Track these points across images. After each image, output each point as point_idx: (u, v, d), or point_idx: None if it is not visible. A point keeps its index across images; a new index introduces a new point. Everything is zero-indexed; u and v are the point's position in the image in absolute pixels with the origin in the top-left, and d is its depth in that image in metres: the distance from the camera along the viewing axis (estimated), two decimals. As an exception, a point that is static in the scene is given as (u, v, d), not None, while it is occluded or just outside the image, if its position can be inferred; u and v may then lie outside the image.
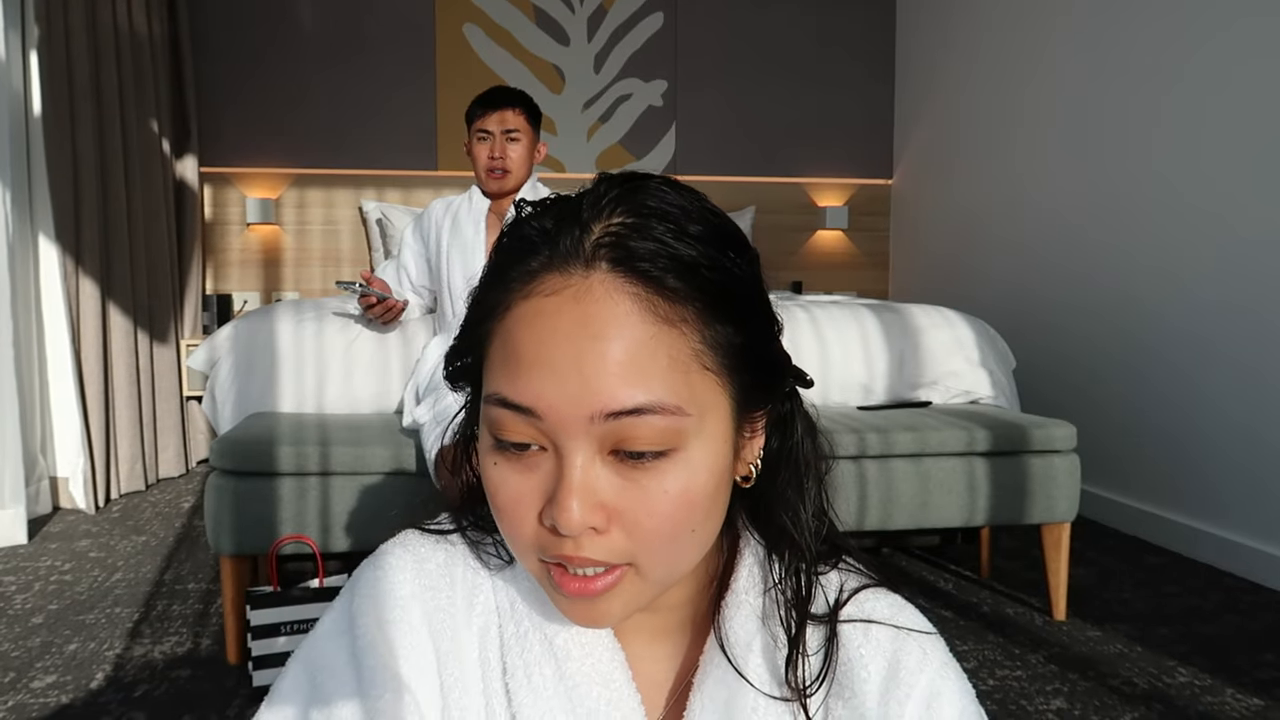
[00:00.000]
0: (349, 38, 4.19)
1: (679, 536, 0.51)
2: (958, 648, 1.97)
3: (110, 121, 3.26)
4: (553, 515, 0.48)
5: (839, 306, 2.54)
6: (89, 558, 2.54)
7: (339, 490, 1.85)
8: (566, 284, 0.48)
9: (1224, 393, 2.58)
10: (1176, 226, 2.76)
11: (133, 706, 1.67)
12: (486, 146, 2.31)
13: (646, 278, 0.48)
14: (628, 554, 0.50)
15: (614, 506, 0.49)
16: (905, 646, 0.58)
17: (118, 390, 3.24)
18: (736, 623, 0.58)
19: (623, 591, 0.51)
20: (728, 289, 0.50)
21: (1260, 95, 2.46)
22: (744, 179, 4.53)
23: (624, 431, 0.47)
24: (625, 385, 0.47)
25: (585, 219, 0.49)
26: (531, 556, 0.52)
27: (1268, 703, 1.73)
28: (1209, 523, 2.61)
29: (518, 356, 0.49)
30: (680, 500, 0.49)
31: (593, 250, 0.48)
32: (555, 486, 0.49)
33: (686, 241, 0.49)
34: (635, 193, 0.51)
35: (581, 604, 0.51)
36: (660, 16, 4.44)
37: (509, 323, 0.50)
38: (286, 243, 4.21)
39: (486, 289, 0.53)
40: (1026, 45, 3.53)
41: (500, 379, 0.50)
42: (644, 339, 0.47)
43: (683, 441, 0.49)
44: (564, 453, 0.48)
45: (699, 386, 0.49)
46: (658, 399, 0.47)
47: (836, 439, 2.00)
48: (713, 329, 0.49)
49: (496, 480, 0.51)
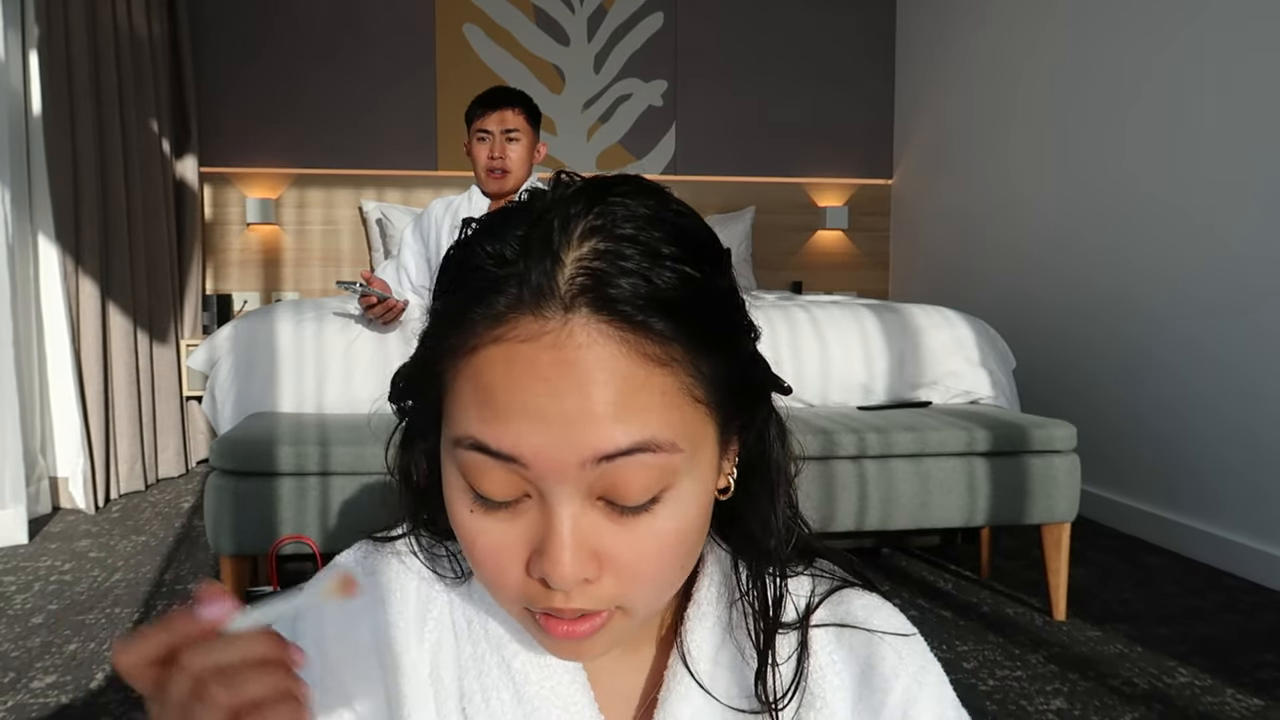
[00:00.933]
0: (349, 38, 4.19)
1: (670, 574, 0.49)
2: (957, 648, 1.97)
3: (110, 121, 3.26)
4: (542, 569, 0.45)
5: (839, 306, 2.54)
6: (89, 558, 2.54)
7: (339, 490, 1.85)
8: (543, 330, 0.43)
9: (1223, 393, 2.58)
10: (1176, 228, 2.76)
11: (133, 706, 1.67)
12: (486, 146, 2.31)
13: (631, 321, 0.44)
14: (616, 599, 0.47)
15: (606, 553, 0.46)
16: (879, 651, 0.56)
17: (117, 390, 3.23)
18: (700, 635, 0.56)
19: (610, 631, 0.49)
20: (711, 315, 0.47)
21: (1258, 98, 2.46)
22: (744, 179, 4.53)
23: (615, 475, 0.44)
24: (616, 425, 0.43)
25: (555, 248, 0.44)
26: (515, 605, 0.49)
27: (1268, 703, 1.73)
28: (1209, 523, 2.61)
29: (493, 403, 0.44)
30: (673, 540, 0.47)
31: (568, 290, 0.44)
32: (543, 537, 0.45)
33: (665, 268, 0.45)
34: (603, 208, 0.46)
35: (569, 644, 0.49)
36: (660, 16, 4.44)
37: (478, 365, 0.45)
38: (286, 243, 4.21)
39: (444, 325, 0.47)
40: (1026, 45, 3.53)
41: (474, 423, 0.45)
42: (633, 380, 0.44)
43: (675, 480, 0.46)
44: (551, 501, 0.45)
45: (691, 419, 0.46)
46: (652, 436, 0.44)
47: (836, 439, 2.00)
48: (701, 361, 0.46)
49: (474, 530, 0.47)
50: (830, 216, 4.55)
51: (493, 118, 2.31)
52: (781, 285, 4.49)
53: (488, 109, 2.33)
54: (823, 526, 2.02)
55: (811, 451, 1.99)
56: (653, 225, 0.46)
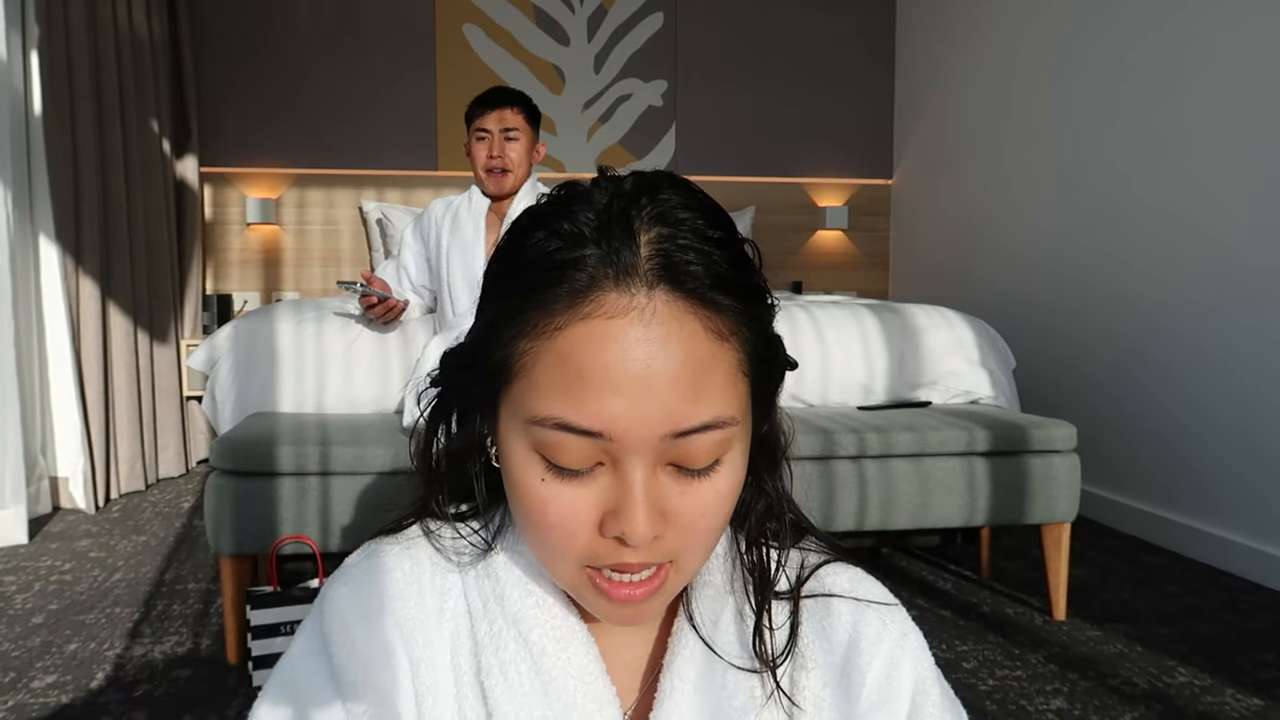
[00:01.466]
0: (349, 38, 4.19)
1: (719, 529, 0.54)
2: (957, 648, 1.97)
3: (110, 121, 3.26)
4: (619, 528, 0.49)
5: (839, 306, 2.54)
6: (89, 558, 2.54)
7: (339, 490, 1.85)
8: (630, 305, 0.47)
9: (1223, 393, 2.58)
10: (1175, 228, 2.76)
11: (133, 706, 1.67)
12: (485, 146, 2.31)
13: (702, 298, 0.49)
14: (674, 552, 0.52)
15: (671, 512, 0.51)
16: (865, 618, 0.60)
17: (118, 390, 3.24)
18: (703, 601, 0.60)
19: (663, 590, 0.53)
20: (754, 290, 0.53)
21: (1257, 99, 2.46)
22: (744, 179, 4.53)
23: (686, 447, 0.49)
24: (693, 403, 0.48)
25: (635, 229, 0.49)
26: (573, 566, 0.53)
27: (1267, 703, 1.73)
28: (1209, 522, 2.61)
29: (583, 381, 0.48)
30: (728, 499, 0.53)
31: (649, 270, 0.48)
32: (617, 499, 0.50)
33: (716, 250, 0.50)
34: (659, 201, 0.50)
35: (627, 608, 0.53)
36: (660, 16, 4.44)
37: (563, 344, 0.48)
38: (286, 243, 4.21)
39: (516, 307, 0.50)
40: (1026, 46, 3.53)
41: (557, 401, 0.48)
42: (706, 357, 0.49)
43: (730, 446, 0.52)
44: (626, 467, 0.49)
45: (743, 392, 0.52)
46: (720, 414, 0.49)
47: (836, 439, 2.00)
48: (750, 335, 0.52)
49: (545, 496, 0.51)
50: (830, 216, 4.55)
51: (492, 117, 2.31)
52: (781, 285, 4.49)
53: (487, 108, 2.33)
54: (823, 526, 2.01)
55: (811, 451, 1.99)
56: (697, 213, 0.51)
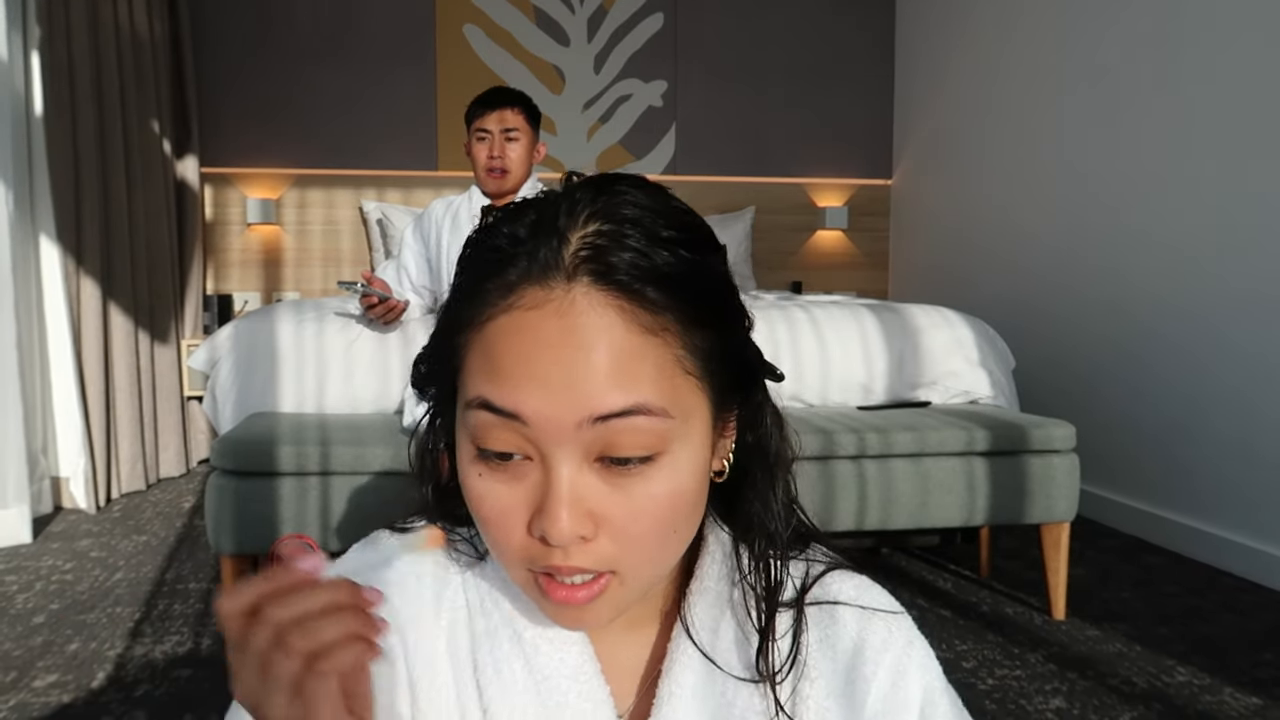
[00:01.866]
0: (349, 38, 4.19)
1: (664, 540, 0.52)
2: (957, 647, 1.97)
3: (111, 121, 3.26)
4: (542, 526, 0.48)
5: (839, 306, 2.54)
6: (90, 557, 2.55)
7: (339, 490, 1.85)
8: (548, 297, 0.48)
9: (1222, 393, 2.58)
10: (1176, 228, 2.76)
11: (134, 706, 1.67)
12: (485, 146, 2.32)
13: (628, 290, 0.48)
14: (613, 561, 0.50)
15: (601, 513, 0.49)
16: (870, 626, 0.59)
17: (118, 390, 3.24)
18: (702, 609, 0.59)
19: (608, 598, 0.51)
20: (704, 293, 0.51)
21: (1258, 99, 2.46)
22: (744, 179, 4.53)
23: (610, 437, 0.48)
24: (613, 389, 0.47)
25: (562, 227, 0.49)
26: (519, 567, 0.52)
27: (1266, 702, 1.73)
28: (1208, 522, 2.62)
29: (500, 366, 0.49)
30: (666, 504, 0.50)
31: (572, 262, 0.48)
32: (543, 496, 0.49)
33: (662, 247, 0.49)
34: (608, 198, 0.50)
35: (569, 611, 0.51)
36: (660, 17, 4.45)
37: (489, 334, 0.49)
38: (287, 243, 4.21)
39: (460, 300, 0.52)
40: (1026, 45, 3.53)
41: (483, 384, 0.49)
42: (629, 348, 0.48)
43: (667, 445, 0.50)
44: (551, 461, 0.49)
45: (682, 390, 0.50)
46: (645, 400, 0.48)
47: (836, 439, 2.01)
48: (693, 335, 0.50)
49: (480, 491, 0.51)
50: (830, 216, 4.55)
51: (492, 117, 2.32)
52: (781, 285, 4.50)
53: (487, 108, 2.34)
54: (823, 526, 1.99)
55: (811, 451, 2.00)
56: (654, 214, 0.51)
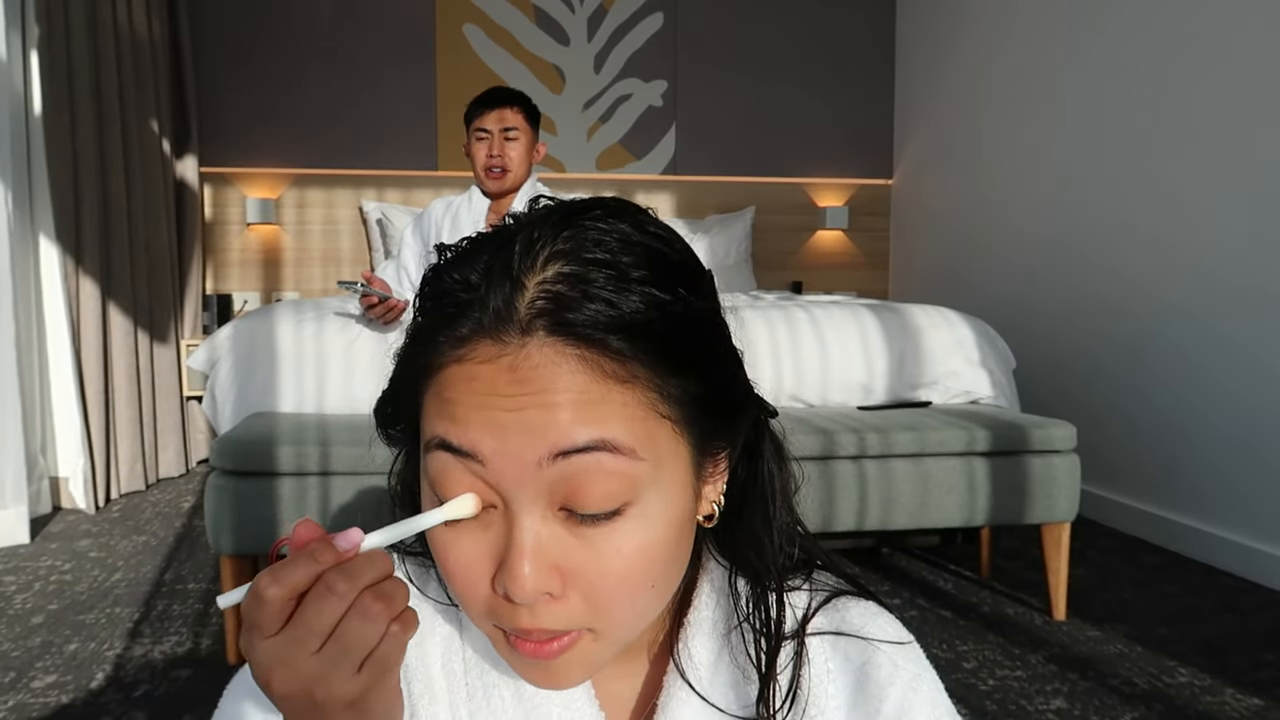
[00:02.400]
0: (349, 38, 4.19)
1: (637, 596, 0.48)
2: (957, 648, 1.97)
3: (110, 121, 3.26)
4: (504, 581, 0.45)
5: (839, 306, 2.54)
6: (89, 558, 2.54)
7: (339, 490, 1.85)
8: (501, 352, 0.45)
9: (1223, 393, 2.58)
10: (1175, 228, 2.76)
11: (133, 706, 1.67)
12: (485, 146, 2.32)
13: (589, 341, 0.44)
14: (585, 619, 0.47)
15: (568, 568, 0.46)
16: (874, 659, 0.56)
17: (118, 390, 3.24)
18: (698, 643, 0.57)
19: (580, 654, 0.48)
20: (679, 338, 0.47)
21: (1259, 99, 2.46)
22: (744, 179, 4.53)
23: (575, 480, 0.44)
24: (575, 425, 0.44)
25: (517, 274, 0.45)
26: (486, 623, 0.49)
27: (1267, 703, 1.73)
28: (1208, 522, 2.61)
29: (454, 414, 0.46)
30: (637, 559, 0.46)
31: (527, 314, 0.45)
32: (505, 549, 0.46)
33: (631, 291, 0.45)
34: (571, 235, 0.46)
35: (539, 668, 0.48)
36: (660, 16, 4.44)
37: (442, 381, 0.47)
38: (286, 243, 4.21)
39: (414, 346, 0.49)
40: (1026, 45, 3.53)
41: (440, 425, 0.47)
42: (592, 393, 0.44)
43: (637, 494, 0.46)
44: (513, 510, 0.45)
45: (656, 434, 0.46)
46: (611, 436, 0.44)
47: (836, 439, 2.01)
48: (666, 381, 0.46)
49: (444, 542, 0.48)
50: (830, 216, 4.55)
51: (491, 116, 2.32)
52: (781, 285, 4.49)
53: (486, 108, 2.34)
54: (823, 526, 2.02)
55: (811, 451, 1.99)
56: (624, 249, 0.46)
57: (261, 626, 0.42)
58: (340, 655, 0.42)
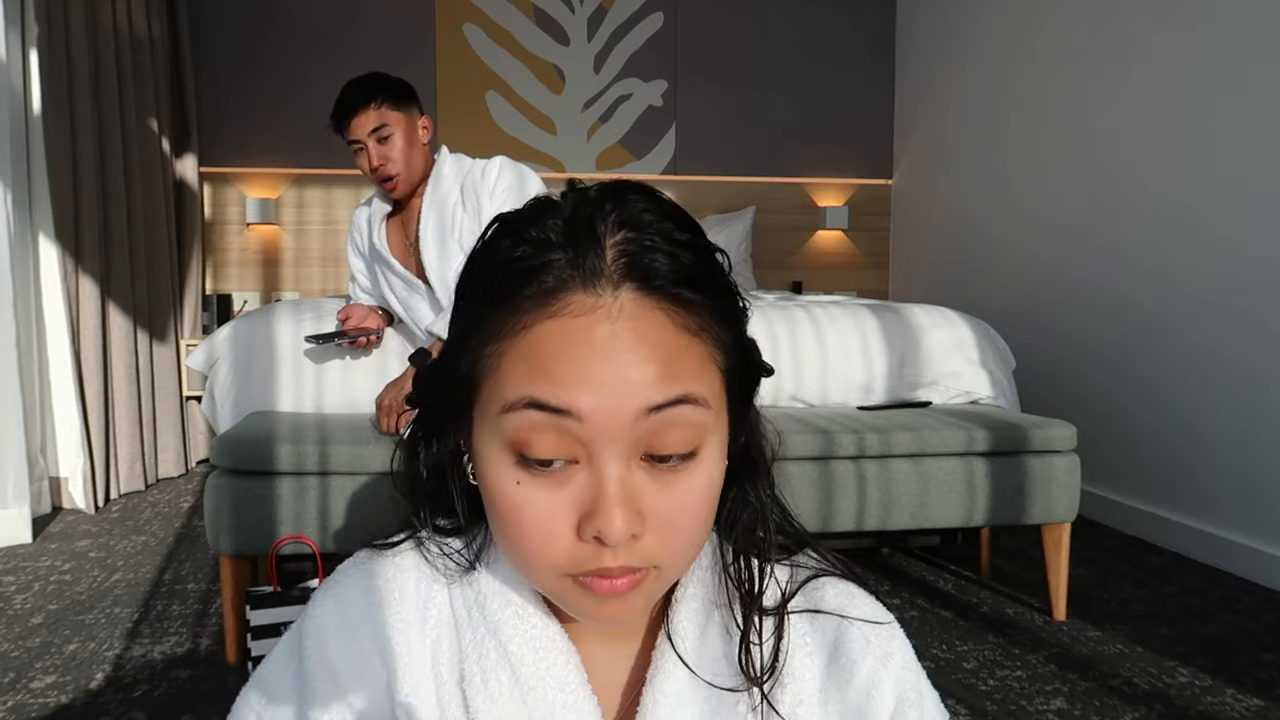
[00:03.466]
0: (349, 37, 4.19)
1: (700, 531, 0.53)
2: (957, 648, 1.97)
3: (110, 121, 3.26)
4: (596, 526, 0.49)
5: (839, 306, 2.54)
6: (89, 558, 2.54)
7: (338, 490, 1.85)
8: (597, 304, 0.49)
9: (1223, 393, 2.58)
10: (1175, 227, 2.76)
11: (132, 706, 1.67)
12: (364, 158, 2.09)
13: (667, 294, 0.49)
14: (655, 556, 0.51)
15: (648, 510, 0.50)
16: (847, 635, 0.59)
17: (117, 390, 3.23)
18: (686, 616, 0.59)
19: (644, 589, 0.52)
20: (725, 290, 0.53)
21: (1258, 98, 2.46)
22: (744, 179, 4.53)
23: (659, 430, 0.49)
24: (665, 382, 0.49)
25: (600, 233, 0.50)
26: (553, 574, 0.51)
27: (1268, 703, 1.73)
28: (1209, 523, 2.61)
29: (550, 369, 0.48)
30: (705, 497, 0.52)
31: (615, 270, 0.49)
32: (593, 498, 0.49)
33: (684, 251, 0.51)
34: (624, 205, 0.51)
35: (612, 603, 0.52)
36: (660, 16, 4.44)
37: (530, 341, 0.49)
38: (286, 243, 4.21)
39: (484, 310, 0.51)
40: (1026, 46, 3.53)
41: (529, 385, 0.49)
42: (676, 347, 0.49)
43: (704, 439, 0.51)
44: (600, 462, 0.49)
45: (715, 384, 0.52)
46: (692, 390, 0.49)
47: (836, 439, 2.00)
48: (722, 331, 0.52)
49: (521, 499, 0.50)
50: (830, 216, 4.55)
51: (354, 125, 2.08)
52: (781, 285, 4.49)
53: (344, 119, 2.08)
54: (822, 526, 2.02)
55: (811, 451, 1.99)
56: (667, 217, 0.52)
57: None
58: None
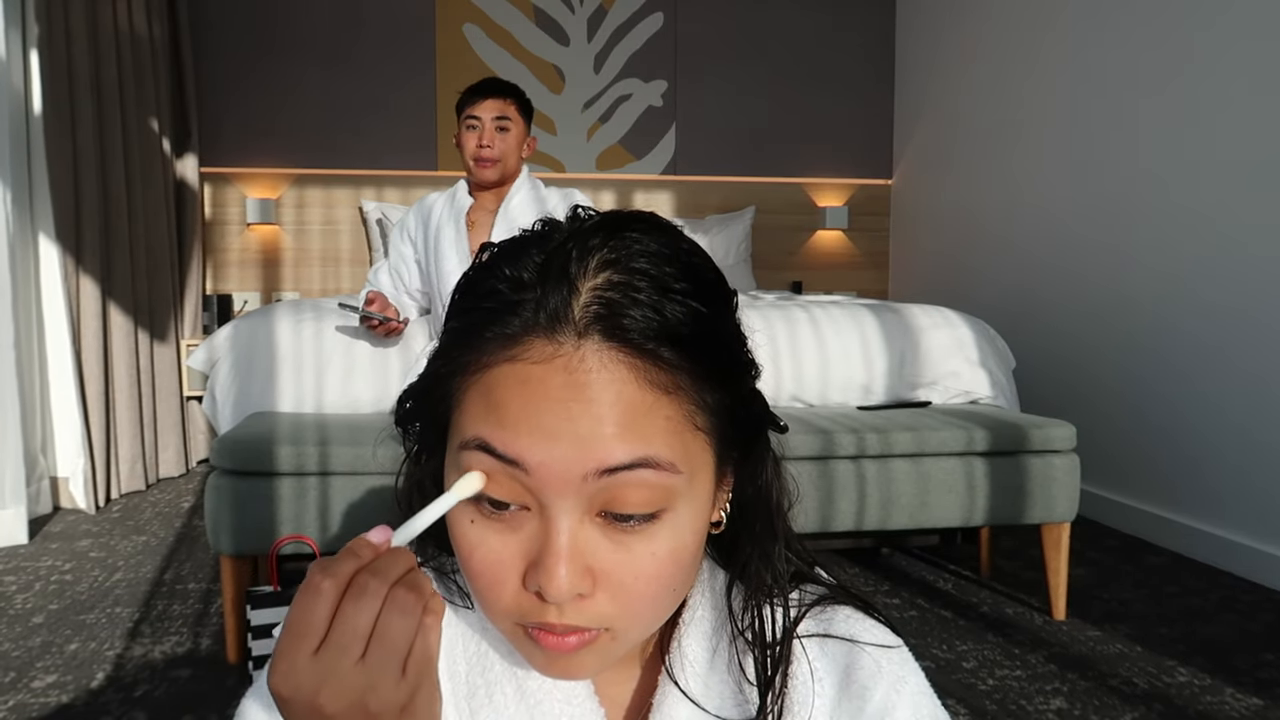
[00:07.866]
0: (349, 38, 4.19)
1: (662, 598, 0.50)
2: (957, 648, 1.97)
3: (110, 121, 3.26)
4: (538, 580, 0.46)
5: (839, 306, 2.54)
6: (89, 558, 2.54)
7: (339, 490, 1.85)
8: (557, 353, 0.45)
9: (1223, 392, 2.58)
10: (1175, 227, 2.76)
11: (133, 706, 1.67)
12: (475, 135, 2.28)
13: (640, 349, 0.46)
14: (608, 619, 0.48)
15: (600, 570, 0.47)
16: (858, 660, 0.57)
17: (118, 390, 3.24)
18: (695, 640, 0.58)
19: (597, 650, 0.50)
20: (717, 349, 0.49)
21: (1258, 97, 2.46)
22: (744, 179, 4.53)
23: (616, 491, 0.46)
24: (622, 442, 0.45)
25: (573, 276, 0.46)
26: (507, 620, 0.50)
27: (1267, 702, 1.73)
28: (1208, 522, 2.61)
29: (503, 416, 0.46)
30: (667, 562, 0.48)
31: (583, 317, 0.46)
32: (540, 549, 0.46)
33: (674, 302, 0.47)
34: (617, 245, 0.48)
35: (559, 660, 0.49)
36: (660, 16, 4.44)
37: (490, 380, 0.47)
38: (286, 243, 4.21)
39: (457, 344, 0.49)
40: (1025, 46, 3.53)
41: (483, 427, 0.47)
42: (640, 404, 0.46)
43: (672, 502, 0.48)
44: (551, 513, 0.46)
45: (691, 446, 0.48)
46: (654, 454, 0.46)
47: (835, 439, 2.01)
48: (704, 391, 0.48)
49: (472, 540, 0.48)
50: (830, 216, 4.55)
51: (484, 105, 2.27)
52: (781, 285, 4.49)
53: (480, 96, 2.30)
54: (822, 527, 2.02)
55: (811, 451, 1.99)
56: (665, 261, 0.48)
57: (313, 624, 0.42)
58: (385, 658, 0.43)
